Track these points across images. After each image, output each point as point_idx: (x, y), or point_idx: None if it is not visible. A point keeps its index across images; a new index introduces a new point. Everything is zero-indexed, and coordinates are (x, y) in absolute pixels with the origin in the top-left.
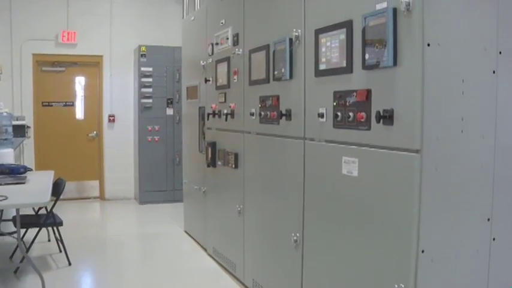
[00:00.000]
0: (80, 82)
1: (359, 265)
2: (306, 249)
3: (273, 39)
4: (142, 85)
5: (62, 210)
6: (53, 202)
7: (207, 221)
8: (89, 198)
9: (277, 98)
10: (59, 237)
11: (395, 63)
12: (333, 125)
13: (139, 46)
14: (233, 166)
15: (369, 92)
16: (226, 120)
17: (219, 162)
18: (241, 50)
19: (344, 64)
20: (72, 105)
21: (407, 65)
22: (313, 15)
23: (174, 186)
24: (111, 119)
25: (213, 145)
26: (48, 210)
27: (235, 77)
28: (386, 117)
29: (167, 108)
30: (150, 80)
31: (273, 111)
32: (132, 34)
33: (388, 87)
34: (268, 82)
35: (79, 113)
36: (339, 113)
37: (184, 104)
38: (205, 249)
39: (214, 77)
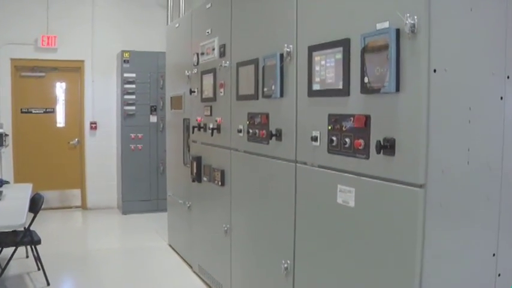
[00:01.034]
0: (60, 88)
1: None
2: (297, 278)
3: (262, 53)
4: (125, 92)
5: (43, 221)
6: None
7: (193, 236)
8: (71, 207)
9: (267, 116)
10: (36, 256)
11: (397, 88)
12: (327, 150)
13: (122, 51)
14: (219, 183)
15: (367, 118)
16: (212, 135)
17: (205, 178)
18: (228, 62)
19: (340, 86)
20: (53, 112)
21: (411, 91)
22: (307, 31)
23: (158, 195)
24: (93, 126)
25: (198, 160)
26: (26, 227)
27: (222, 90)
28: (387, 147)
29: (151, 116)
30: (133, 86)
31: (262, 130)
32: (115, 39)
33: (389, 114)
34: (257, 98)
35: (60, 120)
36: (334, 138)
37: (169, 114)
38: (190, 266)
39: (200, 88)
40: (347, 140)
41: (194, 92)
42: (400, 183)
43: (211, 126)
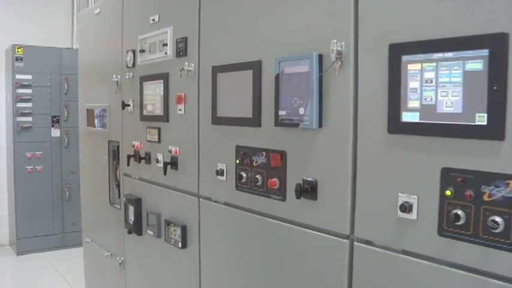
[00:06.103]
0: None
1: None
2: None
3: (272, 52)
4: (18, 98)
5: None
6: None
7: None
8: None
9: (282, 156)
10: None
11: None
12: (438, 231)
13: (14, 46)
14: (178, 245)
15: None
16: (165, 173)
17: (150, 232)
18: (193, 65)
19: (480, 120)
20: None
21: None
22: (383, 15)
23: (63, 228)
24: None
25: (137, 203)
26: None
27: (182, 106)
28: None
29: (52, 129)
30: (29, 91)
31: (271, 178)
32: (3, 30)
33: None
34: (259, 125)
35: None
36: (459, 212)
37: (84, 131)
38: None
39: (139, 101)
40: (498, 219)
41: (129, 105)
42: None
43: (160, 158)
